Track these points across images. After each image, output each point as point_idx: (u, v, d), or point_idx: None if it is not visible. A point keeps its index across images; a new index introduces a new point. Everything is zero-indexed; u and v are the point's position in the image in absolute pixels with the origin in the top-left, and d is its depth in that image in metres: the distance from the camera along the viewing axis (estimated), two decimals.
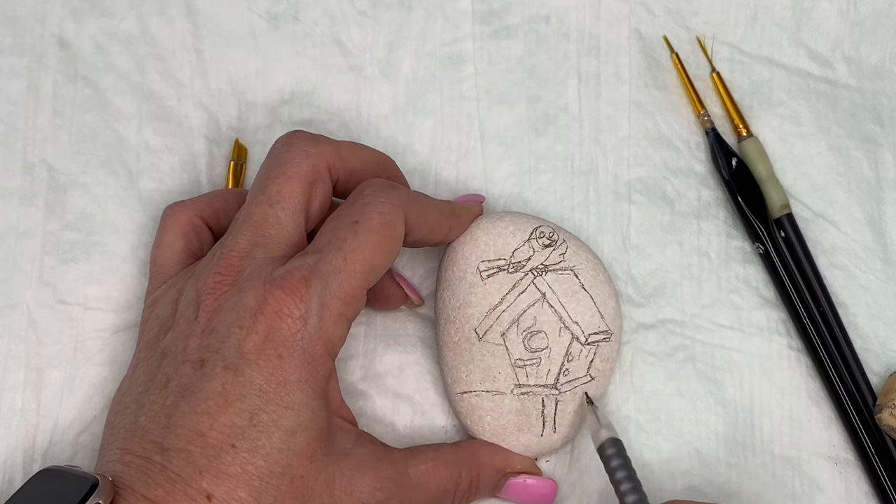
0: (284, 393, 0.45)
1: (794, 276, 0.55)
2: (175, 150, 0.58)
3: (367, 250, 0.47)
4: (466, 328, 0.52)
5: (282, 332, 0.45)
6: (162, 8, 0.59)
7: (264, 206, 0.48)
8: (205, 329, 0.46)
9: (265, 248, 0.47)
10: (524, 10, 0.59)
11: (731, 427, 0.54)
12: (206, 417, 0.44)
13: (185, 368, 0.45)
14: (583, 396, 0.52)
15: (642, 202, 0.57)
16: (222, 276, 0.47)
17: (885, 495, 0.53)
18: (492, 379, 0.51)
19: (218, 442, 0.44)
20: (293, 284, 0.46)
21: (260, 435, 0.44)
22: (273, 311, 0.45)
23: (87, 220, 0.57)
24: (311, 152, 0.49)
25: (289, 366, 0.45)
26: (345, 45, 0.59)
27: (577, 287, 0.52)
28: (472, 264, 0.52)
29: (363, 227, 0.47)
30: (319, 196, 0.49)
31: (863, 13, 0.59)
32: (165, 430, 0.44)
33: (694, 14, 0.59)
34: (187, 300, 0.47)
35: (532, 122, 0.58)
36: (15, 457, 0.54)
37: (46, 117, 0.58)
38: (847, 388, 0.54)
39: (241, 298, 0.46)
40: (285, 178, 0.48)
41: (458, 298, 0.52)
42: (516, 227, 0.53)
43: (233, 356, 0.45)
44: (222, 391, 0.44)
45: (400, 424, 0.55)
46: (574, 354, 0.52)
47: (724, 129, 0.57)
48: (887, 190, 0.57)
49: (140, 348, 0.49)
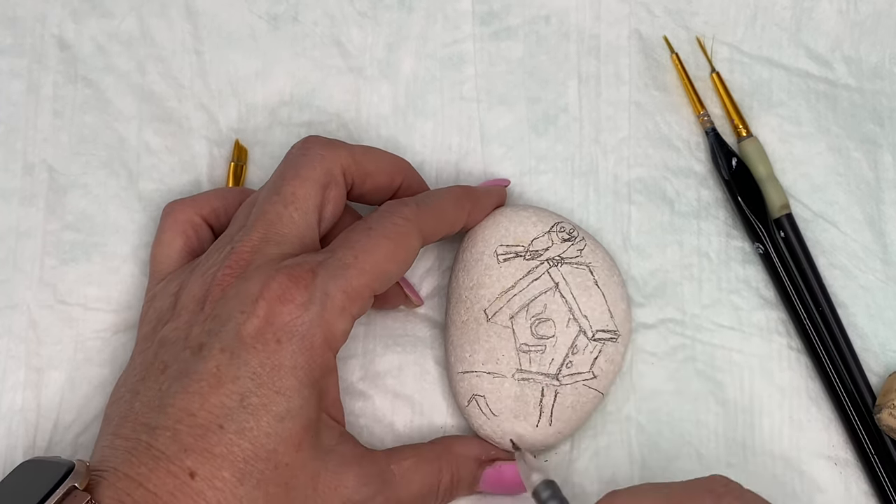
0: (278, 377, 0.45)
1: (793, 277, 0.55)
2: (175, 151, 0.58)
3: (379, 254, 0.48)
4: (476, 308, 0.52)
5: (282, 317, 0.45)
6: (162, 9, 0.59)
7: (278, 206, 0.48)
8: (208, 316, 0.46)
9: (277, 244, 0.48)
10: (524, 10, 0.59)
11: (730, 427, 0.54)
12: (197, 397, 0.44)
13: (185, 354, 0.46)
14: (587, 395, 0.52)
15: (642, 202, 0.57)
16: (231, 269, 0.47)
17: (884, 495, 0.53)
18: (494, 361, 0.52)
19: (206, 422, 0.44)
20: (299, 273, 0.46)
21: (248, 417, 0.44)
22: (275, 296, 0.45)
23: (88, 221, 0.57)
24: (326, 156, 0.49)
25: (286, 350, 0.45)
26: (345, 46, 0.59)
27: (591, 283, 0.53)
28: (491, 247, 0.53)
29: (377, 232, 0.48)
30: (333, 199, 0.50)
31: (863, 13, 0.59)
32: (156, 410, 0.45)
33: (694, 14, 0.59)
34: (190, 293, 0.48)
35: (532, 122, 0.58)
36: (15, 457, 0.54)
37: (47, 118, 0.58)
38: (847, 388, 0.54)
39: (246, 285, 0.46)
40: (300, 181, 0.49)
41: (472, 279, 0.53)
42: (538, 218, 0.54)
43: (231, 339, 0.45)
44: (216, 372, 0.45)
45: (399, 424, 0.55)
46: (579, 348, 0.52)
47: (723, 130, 0.57)
48: (887, 190, 0.57)
49: (137, 342, 0.49)
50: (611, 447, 0.54)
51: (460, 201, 0.53)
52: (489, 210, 0.54)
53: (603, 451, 0.54)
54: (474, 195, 0.54)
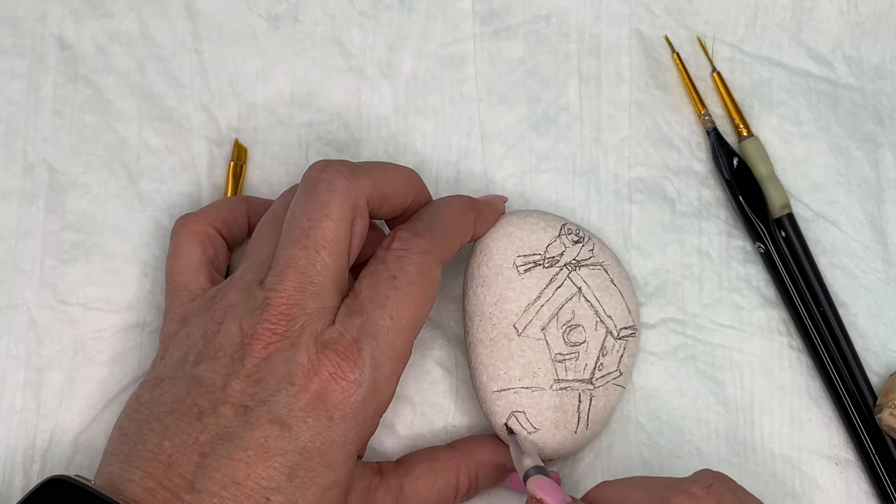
0: (328, 452, 0.45)
1: (794, 276, 0.55)
2: (175, 151, 0.58)
3: (411, 304, 0.47)
4: (504, 324, 0.52)
5: (335, 395, 0.45)
6: (162, 9, 0.59)
7: (311, 252, 0.47)
8: (251, 375, 0.45)
9: (315, 296, 0.46)
10: (525, 10, 0.59)
11: (731, 426, 0.54)
12: (244, 466, 0.44)
13: (226, 410, 0.45)
14: (616, 392, 0.52)
15: (643, 202, 0.57)
16: (272, 324, 0.46)
17: (885, 495, 0.53)
18: (532, 375, 0.51)
19: (252, 492, 0.44)
20: (346, 348, 0.45)
21: (295, 490, 0.44)
22: (328, 374, 0.45)
23: (88, 221, 0.57)
24: (351, 190, 0.48)
25: (338, 427, 0.45)
26: (345, 46, 0.59)
27: (608, 282, 0.53)
28: (509, 259, 0.52)
29: (402, 281, 0.47)
30: (359, 233, 0.49)
31: (863, 13, 0.59)
32: (198, 468, 0.44)
33: (694, 14, 0.59)
34: (228, 335, 0.46)
35: (533, 122, 0.58)
36: (15, 457, 0.54)
37: (47, 118, 0.58)
38: (847, 387, 0.54)
39: (293, 354, 0.45)
40: (331, 223, 0.47)
41: (495, 294, 0.52)
42: (546, 223, 0.53)
43: (281, 411, 0.44)
44: (264, 443, 0.44)
45: (400, 426, 0.55)
46: (608, 349, 0.52)
47: (724, 129, 0.57)
48: (888, 190, 0.57)
49: (165, 364, 0.48)
50: (612, 446, 0.54)
51: (465, 214, 0.52)
52: (493, 222, 0.53)
53: (605, 450, 0.54)
54: (477, 206, 0.53)
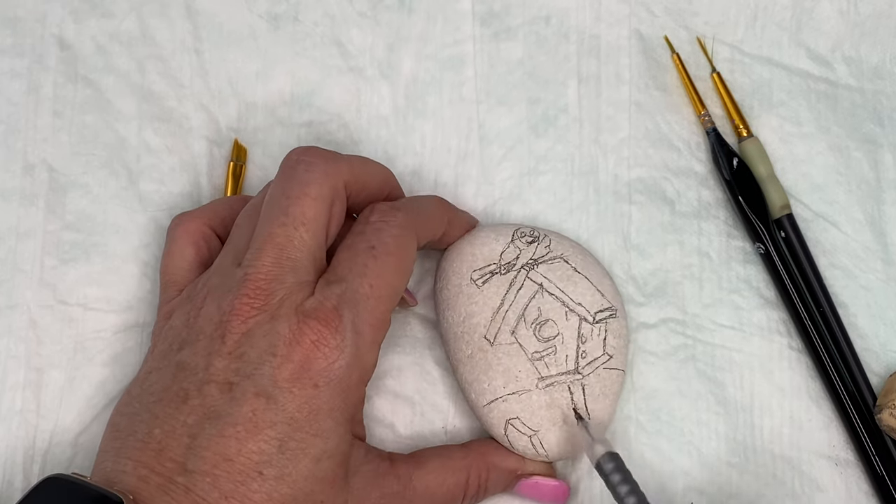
0: (315, 421, 0.45)
1: (794, 277, 0.55)
2: (175, 151, 0.58)
3: (389, 274, 0.48)
4: (476, 338, 0.52)
5: (319, 362, 0.45)
6: (162, 9, 0.59)
7: (289, 229, 0.47)
8: (232, 352, 0.45)
9: (293, 271, 0.47)
10: (524, 11, 0.59)
11: (731, 427, 0.54)
12: (234, 442, 0.44)
13: (211, 389, 0.45)
14: (611, 376, 0.52)
15: (643, 202, 0.57)
16: (250, 298, 0.46)
17: (885, 495, 0.53)
18: (514, 379, 0.51)
19: (245, 468, 0.44)
20: (326, 315, 0.46)
21: (287, 462, 0.44)
22: (310, 342, 0.45)
23: (88, 221, 0.57)
24: (330, 172, 0.49)
25: (324, 395, 0.45)
26: (345, 47, 0.59)
27: (571, 271, 0.53)
28: (465, 276, 0.53)
29: (381, 251, 0.48)
30: (337, 215, 0.49)
31: (863, 14, 0.59)
32: (188, 450, 0.44)
33: (694, 14, 0.59)
34: (207, 316, 0.47)
35: (532, 123, 0.58)
36: (15, 457, 0.54)
37: (47, 118, 0.58)
38: (847, 388, 0.54)
39: (273, 326, 0.46)
40: (310, 201, 0.48)
41: (460, 312, 0.53)
42: (497, 233, 0.54)
43: (266, 383, 0.45)
44: (252, 417, 0.44)
45: (400, 425, 0.55)
46: (586, 335, 0.52)
47: (724, 130, 0.57)
48: (887, 190, 0.57)
49: (153, 357, 0.48)
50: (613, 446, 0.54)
51: (440, 209, 0.53)
52: (465, 229, 0.54)
53: None
54: (452, 208, 0.54)
